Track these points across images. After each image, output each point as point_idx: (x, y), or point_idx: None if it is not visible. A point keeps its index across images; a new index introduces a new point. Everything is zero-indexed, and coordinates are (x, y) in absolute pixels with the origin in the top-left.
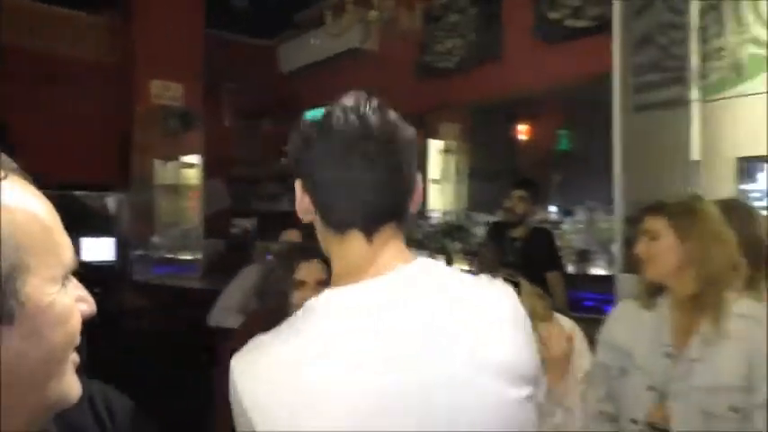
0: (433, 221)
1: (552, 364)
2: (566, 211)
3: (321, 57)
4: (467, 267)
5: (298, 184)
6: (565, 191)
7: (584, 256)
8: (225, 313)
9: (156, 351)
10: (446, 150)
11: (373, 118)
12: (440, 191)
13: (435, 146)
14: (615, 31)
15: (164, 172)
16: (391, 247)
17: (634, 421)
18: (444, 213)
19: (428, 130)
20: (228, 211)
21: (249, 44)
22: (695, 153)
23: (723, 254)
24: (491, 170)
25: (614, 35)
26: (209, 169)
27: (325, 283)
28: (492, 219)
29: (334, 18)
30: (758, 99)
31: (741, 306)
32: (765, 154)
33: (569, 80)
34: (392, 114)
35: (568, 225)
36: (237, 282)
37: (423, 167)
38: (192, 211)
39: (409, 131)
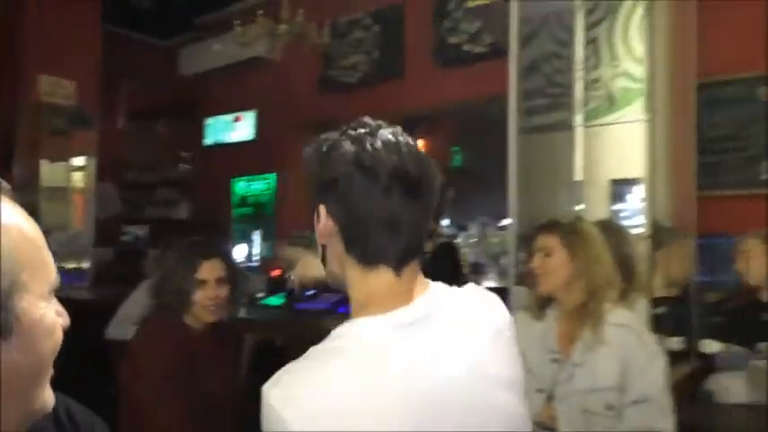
0: None
1: None
2: (459, 226)
3: (223, 63)
4: None
5: (322, 209)
6: (458, 206)
7: (476, 269)
8: (124, 326)
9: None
10: None
11: (410, 154)
12: None
13: None
14: (512, 57)
15: (50, 174)
16: (416, 282)
17: None
18: None
19: None
20: (119, 218)
21: (147, 44)
22: (578, 174)
23: (603, 270)
24: None
25: (510, 61)
26: (100, 172)
27: (225, 281)
28: None
29: (242, 27)
30: (627, 126)
31: (616, 316)
32: (634, 177)
33: (466, 101)
34: (419, 148)
35: (462, 239)
36: (138, 293)
37: None
38: (80, 217)
39: (435, 168)
